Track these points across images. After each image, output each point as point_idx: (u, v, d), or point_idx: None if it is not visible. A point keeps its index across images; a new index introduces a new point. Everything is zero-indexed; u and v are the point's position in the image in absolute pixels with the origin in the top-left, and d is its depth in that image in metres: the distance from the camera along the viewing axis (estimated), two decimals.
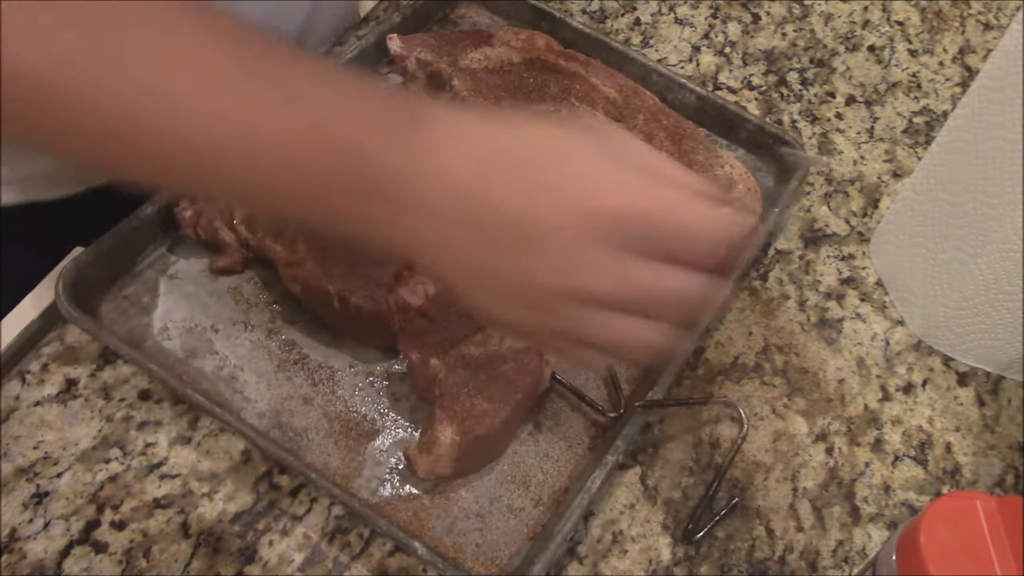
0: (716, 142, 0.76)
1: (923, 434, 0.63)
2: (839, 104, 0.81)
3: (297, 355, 0.60)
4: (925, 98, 0.82)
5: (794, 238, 0.72)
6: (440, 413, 0.54)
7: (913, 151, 0.78)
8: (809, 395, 0.64)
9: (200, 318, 0.61)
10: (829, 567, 0.57)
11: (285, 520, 0.55)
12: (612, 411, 0.60)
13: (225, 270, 0.63)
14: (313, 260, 0.59)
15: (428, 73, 0.73)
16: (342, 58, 0.73)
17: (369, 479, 0.56)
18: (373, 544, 0.54)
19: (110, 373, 0.59)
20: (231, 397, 0.58)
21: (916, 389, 0.65)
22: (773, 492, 0.59)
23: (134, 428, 0.57)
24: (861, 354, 0.66)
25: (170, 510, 0.54)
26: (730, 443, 0.60)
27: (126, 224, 0.62)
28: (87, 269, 0.59)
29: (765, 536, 0.57)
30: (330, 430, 0.57)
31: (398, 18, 0.77)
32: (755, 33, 0.86)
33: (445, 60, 0.72)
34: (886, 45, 0.86)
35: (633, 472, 0.59)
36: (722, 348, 0.65)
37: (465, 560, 0.54)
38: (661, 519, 0.57)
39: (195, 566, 0.52)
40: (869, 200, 0.75)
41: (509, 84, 0.70)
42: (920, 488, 0.60)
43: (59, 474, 0.55)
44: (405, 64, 0.74)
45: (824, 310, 0.68)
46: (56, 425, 0.56)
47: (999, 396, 0.65)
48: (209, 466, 0.56)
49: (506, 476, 0.57)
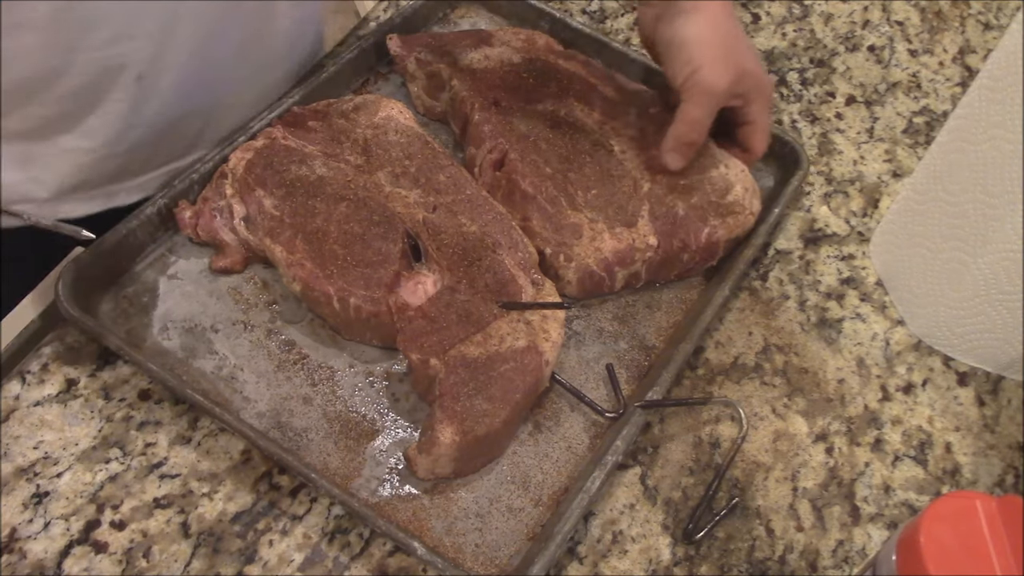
0: None
1: (923, 434, 0.63)
2: (839, 104, 0.81)
3: (297, 355, 0.60)
4: (925, 98, 0.82)
5: (794, 238, 0.72)
6: (440, 413, 0.54)
7: (913, 151, 0.78)
8: (809, 395, 0.64)
9: (200, 318, 0.61)
10: (829, 567, 0.57)
11: (285, 520, 0.55)
12: (612, 411, 0.60)
13: (225, 270, 0.63)
14: (313, 260, 0.59)
15: (427, 73, 0.73)
16: (342, 58, 0.73)
17: (369, 479, 0.56)
18: (373, 544, 0.54)
19: (110, 373, 0.59)
20: (231, 397, 0.58)
21: (916, 389, 0.65)
22: (773, 492, 0.59)
23: (134, 428, 0.57)
24: (861, 354, 0.66)
25: (170, 510, 0.54)
26: (730, 443, 0.60)
27: (126, 224, 0.62)
28: (87, 269, 0.60)
29: (765, 536, 0.57)
30: (330, 430, 0.57)
31: (398, 19, 0.77)
32: (755, 33, 0.86)
33: (445, 60, 0.72)
34: (886, 45, 0.86)
35: (633, 472, 0.59)
36: (722, 348, 0.65)
37: (464, 560, 0.54)
38: (661, 519, 0.57)
39: (195, 566, 0.52)
40: (869, 200, 0.75)
41: (508, 84, 0.70)
42: (920, 488, 0.60)
43: (59, 474, 0.55)
44: (405, 64, 0.74)
45: (824, 310, 0.68)
46: (56, 425, 0.56)
47: (999, 396, 0.65)
48: (209, 466, 0.56)
49: (506, 476, 0.57)
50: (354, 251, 0.60)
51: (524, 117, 0.68)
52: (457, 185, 0.64)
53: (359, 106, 0.68)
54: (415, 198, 0.63)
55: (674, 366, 0.60)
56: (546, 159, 0.66)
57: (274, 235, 0.61)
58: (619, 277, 0.64)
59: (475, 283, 0.59)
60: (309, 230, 0.60)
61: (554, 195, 0.64)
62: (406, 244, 0.61)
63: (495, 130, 0.67)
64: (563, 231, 0.63)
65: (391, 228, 0.61)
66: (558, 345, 0.58)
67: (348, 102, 0.69)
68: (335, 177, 0.63)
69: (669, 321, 0.65)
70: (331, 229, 0.60)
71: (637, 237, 0.63)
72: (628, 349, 0.64)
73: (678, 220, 0.64)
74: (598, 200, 0.64)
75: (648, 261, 0.64)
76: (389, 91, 0.76)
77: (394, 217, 0.61)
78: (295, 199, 0.62)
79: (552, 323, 0.59)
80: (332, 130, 0.66)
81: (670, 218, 0.64)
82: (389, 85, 0.76)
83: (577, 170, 0.65)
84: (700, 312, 0.63)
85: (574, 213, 0.64)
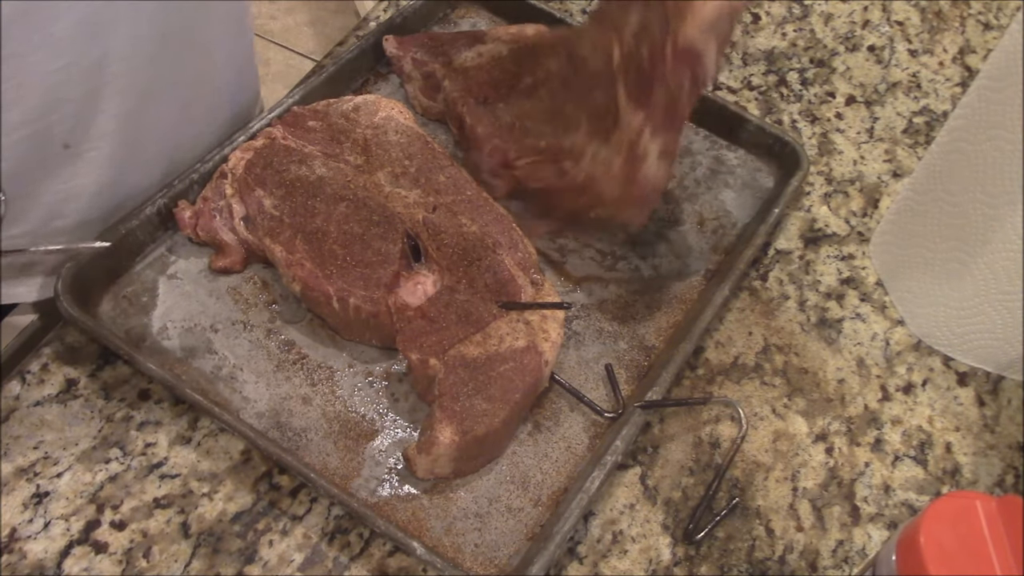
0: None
1: (923, 434, 0.63)
2: (839, 104, 0.81)
3: (296, 355, 0.60)
4: (925, 98, 0.82)
5: (794, 238, 0.72)
6: (439, 413, 0.54)
7: (913, 151, 0.78)
8: (809, 395, 0.64)
9: (199, 318, 0.61)
10: (829, 567, 0.57)
11: (285, 520, 0.55)
12: (611, 411, 0.60)
13: (225, 269, 0.63)
14: (313, 260, 0.59)
15: (423, 74, 0.73)
16: (342, 58, 0.73)
17: (368, 479, 0.56)
18: (373, 544, 0.54)
19: (110, 373, 0.59)
20: (230, 397, 0.58)
21: (916, 389, 0.65)
22: (773, 492, 0.59)
23: (134, 428, 0.57)
24: (861, 354, 0.66)
25: (170, 510, 0.54)
26: (730, 443, 0.60)
27: (126, 224, 0.62)
28: (87, 269, 0.60)
29: (765, 536, 0.57)
30: (329, 430, 0.57)
31: (398, 18, 0.77)
32: (755, 33, 0.86)
33: (440, 60, 0.72)
34: (886, 45, 0.86)
35: (633, 472, 0.59)
36: (722, 348, 0.65)
37: (464, 560, 0.54)
38: (661, 519, 0.57)
39: (195, 566, 0.53)
40: (869, 200, 0.75)
41: (496, 79, 0.70)
42: (920, 488, 0.60)
43: (59, 474, 0.55)
44: (401, 65, 0.74)
45: (824, 310, 0.68)
46: (56, 425, 0.56)
47: (999, 396, 0.65)
48: (209, 466, 0.56)
49: (505, 476, 0.57)
50: (354, 251, 0.60)
51: (508, 107, 0.67)
52: (457, 185, 0.64)
53: (359, 106, 0.68)
54: (415, 198, 0.63)
55: (674, 366, 0.60)
56: (538, 134, 0.64)
57: (274, 235, 0.61)
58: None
59: (475, 283, 0.59)
60: (309, 230, 0.60)
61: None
62: (406, 244, 0.61)
63: (488, 132, 0.67)
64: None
65: (391, 228, 0.61)
66: (558, 345, 0.58)
67: (348, 102, 0.69)
68: (335, 177, 0.63)
69: (669, 321, 0.65)
70: (331, 229, 0.60)
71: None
72: (628, 349, 0.64)
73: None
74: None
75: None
76: (389, 91, 0.76)
77: (394, 217, 0.61)
78: (295, 199, 0.62)
79: (552, 323, 0.59)
80: (332, 130, 0.66)
81: None
82: (389, 85, 0.76)
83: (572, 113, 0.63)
84: (700, 312, 0.63)
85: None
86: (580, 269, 0.67)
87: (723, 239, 0.70)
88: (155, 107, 0.61)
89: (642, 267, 0.68)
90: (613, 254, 0.68)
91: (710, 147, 0.75)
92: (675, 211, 0.71)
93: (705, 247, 0.70)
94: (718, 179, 0.74)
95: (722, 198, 0.73)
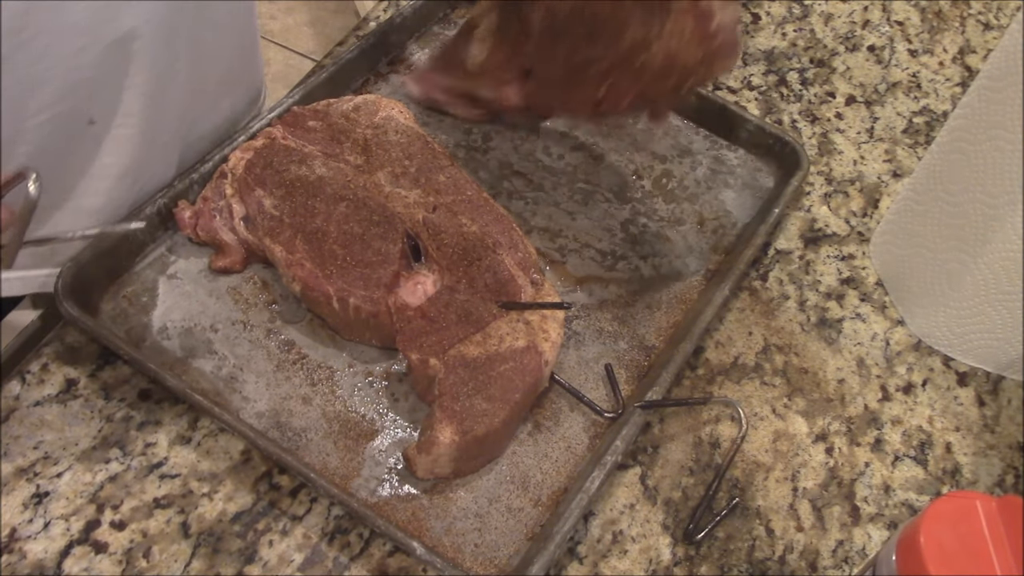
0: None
1: (923, 434, 0.63)
2: (839, 104, 0.81)
3: (296, 355, 0.60)
4: (925, 98, 0.82)
5: (794, 238, 0.72)
6: (439, 413, 0.54)
7: (913, 151, 0.78)
8: (809, 395, 0.64)
9: (199, 318, 0.61)
10: (829, 567, 0.57)
11: (285, 520, 0.55)
12: (611, 411, 0.60)
13: (225, 269, 0.63)
14: (313, 260, 0.59)
15: (461, 95, 0.73)
16: (342, 58, 0.73)
17: (368, 479, 0.56)
18: (373, 544, 0.54)
19: (110, 373, 0.59)
20: (230, 397, 0.58)
21: (916, 389, 0.65)
22: (773, 492, 0.59)
23: (134, 428, 0.57)
24: (861, 354, 0.66)
25: (170, 510, 0.54)
26: (730, 443, 0.60)
27: (126, 224, 0.62)
28: (87, 269, 0.60)
29: (765, 536, 0.57)
30: (329, 430, 0.57)
31: (398, 19, 0.77)
32: (755, 33, 0.86)
33: (458, 73, 0.72)
34: (886, 45, 0.86)
35: (633, 472, 0.59)
36: (722, 348, 0.65)
37: (464, 560, 0.54)
38: (661, 519, 0.57)
39: (195, 566, 0.53)
40: (869, 200, 0.75)
41: (512, 50, 0.68)
42: (920, 488, 0.60)
43: (59, 474, 0.55)
44: (435, 101, 0.74)
45: (824, 310, 0.68)
46: (56, 425, 0.56)
47: (999, 396, 0.65)
48: (209, 466, 0.56)
49: (505, 476, 0.57)
50: (354, 251, 0.60)
51: (545, 53, 0.66)
52: (457, 185, 0.64)
53: (359, 106, 0.68)
54: (415, 198, 0.63)
55: (674, 366, 0.60)
56: (598, 49, 0.62)
57: (274, 235, 0.61)
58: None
59: (475, 283, 0.59)
60: (309, 230, 0.60)
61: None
62: (406, 244, 0.61)
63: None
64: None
65: (391, 228, 0.61)
66: (557, 345, 0.58)
67: (348, 102, 0.69)
68: (335, 177, 0.63)
69: (669, 321, 0.65)
70: (331, 229, 0.60)
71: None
72: (628, 349, 0.64)
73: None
74: None
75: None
76: (389, 91, 0.76)
77: (394, 217, 0.61)
78: (295, 199, 0.62)
79: (551, 323, 0.59)
80: (332, 130, 0.66)
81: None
82: (389, 85, 0.76)
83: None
84: (700, 312, 0.63)
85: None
86: (580, 269, 0.67)
87: (723, 239, 0.70)
88: (173, 88, 0.62)
89: (642, 267, 0.68)
90: (613, 254, 0.68)
91: (710, 147, 0.75)
92: (675, 211, 0.71)
93: (705, 247, 0.70)
94: (718, 179, 0.74)
95: (722, 198, 0.73)
